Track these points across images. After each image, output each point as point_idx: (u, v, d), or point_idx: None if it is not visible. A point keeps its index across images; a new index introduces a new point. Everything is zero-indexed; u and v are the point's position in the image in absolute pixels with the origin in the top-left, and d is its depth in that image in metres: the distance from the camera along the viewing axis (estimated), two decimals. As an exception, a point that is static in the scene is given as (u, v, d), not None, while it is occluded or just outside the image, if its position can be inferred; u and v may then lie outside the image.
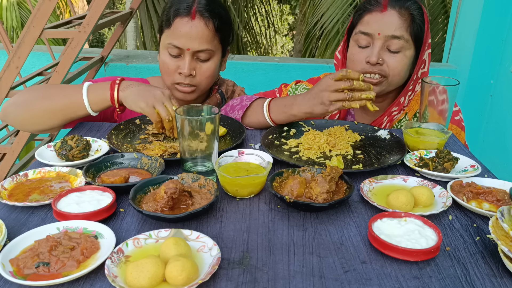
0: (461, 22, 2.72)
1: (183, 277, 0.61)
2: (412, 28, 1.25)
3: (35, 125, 1.21)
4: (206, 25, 1.27)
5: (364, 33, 1.27)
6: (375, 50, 1.25)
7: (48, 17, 1.69)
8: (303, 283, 0.66)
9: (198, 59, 1.31)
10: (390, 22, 1.23)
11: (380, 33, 1.24)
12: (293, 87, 1.48)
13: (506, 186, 0.93)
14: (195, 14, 1.26)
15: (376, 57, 1.24)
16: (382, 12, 1.24)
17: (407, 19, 1.24)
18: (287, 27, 13.38)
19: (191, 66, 1.29)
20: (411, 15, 1.24)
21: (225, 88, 1.52)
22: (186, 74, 1.29)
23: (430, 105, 1.17)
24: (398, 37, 1.23)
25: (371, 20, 1.26)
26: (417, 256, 0.70)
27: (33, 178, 0.95)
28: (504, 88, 2.56)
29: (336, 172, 0.89)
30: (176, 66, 1.30)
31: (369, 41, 1.27)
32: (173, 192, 0.80)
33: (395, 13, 1.24)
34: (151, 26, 6.45)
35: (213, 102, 1.47)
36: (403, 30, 1.24)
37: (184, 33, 1.27)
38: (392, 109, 1.36)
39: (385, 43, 1.25)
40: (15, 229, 0.77)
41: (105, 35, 11.66)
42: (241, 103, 1.31)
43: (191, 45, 1.27)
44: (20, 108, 1.19)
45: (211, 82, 1.38)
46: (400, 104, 1.35)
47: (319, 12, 5.56)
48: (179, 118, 0.91)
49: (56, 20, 6.18)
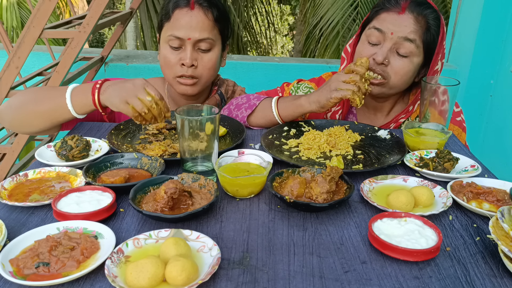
0: (461, 22, 2.72)
1: (183, 277, 0.61)
2: (426, 36, 1.24)
3: (28, 127, 1.22)
4: (205, 15, 1.29)
5: (377, 29, 1.26)
6: (383, 49, 1.24)
7: (48, 17, 1.69)
8: (303, 283, 0.66)
9: (199, 50, 1.31)
10: (405, 24, 1.23)
11: (393, 33, 1.23)
12: (295, 85, 1.49)
13: (506, 186, 0.93)
14: (194, 5, 1.28)
15: (382, 57, 1.24)
16: (400, 14, 1.24)
17: (423, 26, 1.23)
18: (287, 27, 13.38)
19: (193, 56, 1.30)
20: (427, 23, 1.24)
21: (225, 88, 1.52)
22: (188, 65, 1.29)
23: (430, 105, 1.17)
24: (410, 40, 1.22)
25: (387, 18, 1.25)
26: (417, 256, 0.70)
27: (33, 178, 0.95)
28: (504, 88, 2.56)
29: (336, 172, 0.89)
30: (178, 58, 1.31)
31: (380, 40, 1.26)
32: (173, 192, 0.80)
33: (412, 17, 1.23)
34: (151, 26, 6.46)
35: (212, 102, 1.47)
36: (417, 35, 1.23)
37: (184, 23, 1.27)
38: (400, 117, 1.36)
39: (395, 45, 1.24)
40: (15, 229, 0.77)
41: (105, 35, 11.66)
42: (248, 102, 1.31)
43: (192, 35, 1.28)
44: (13, 111, 1.20)
45: (212, 75, 1.38)
46: (408, 112, 1.35)
47: (319, 13, 5.56)
48: (179, 118, 0.91)
49: (56, 20, 6.19)
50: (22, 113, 1.19)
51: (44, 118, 1.18)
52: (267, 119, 1.27)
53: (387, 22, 1.25)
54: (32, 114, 1.18)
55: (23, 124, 1.22)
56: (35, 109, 1.18)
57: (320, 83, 1.47)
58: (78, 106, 1.15)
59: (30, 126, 1.21)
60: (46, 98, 1.18)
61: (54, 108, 1.16)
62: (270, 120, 1.27)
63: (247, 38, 8.02)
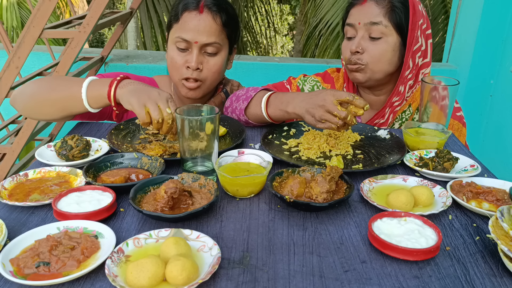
0: (461, 22, 2.72)
1: (183, 277, 0.62)
2: (391, 15, 1.30)
3: (38, 114, 1.20)
4: (213, 19, 1.29)
5: (349, 25, 1.36)
6: (356, 39, 1.33)
7: (48, 17, 1.69)
8: (303, 282, 0.66)
9: (205, 53, 1.32)
10: (368, 11, 1.32)
11: (360, 22, 1.32)
12: (302, 79, 1.50)
13: (506, 186, 0.93)
14: (203, 8, 1.28)
15: (355, 46, 1.32)
16: (362, 4, 1.34)
17: (385, 6, 1.30)
18: (287, 27, 13.38)
19: (198, 59, 1.30)
20: (390, 3, 1.31)
21: (230, 88, 1.53)
22: (193, 68, 1.30)
23: (430, 104, 1.17)
24: (376, 23, 1.30)
25: (353, 12, 1.36)
26: (417, 255, 0.70)
27: (33, 178, 0.95)
28: (504, 88, 2.56)
29: (336, 172, 0.89)
30: (184, 60, 1.31)
31: (354, 33, 1.35)
32: (173, 192, 0.80)
33: (373, 3, 1.32)
34: (151, 26, 6.45)
35: (217, 100, 1.47)
36: (381, 16, 1.30)
37: (192, 27, 1.28)
38: (393, 99, 1.37)
39: (366, 32, 1.32)
40: (15, 229, 0.77)
41: (105, 35, 11.66)
42: (246, 93, 1.30)
43: (199, 38, 1.28)
44: (26, 96, 1.19)
45: (217, 79, 1.38)
46: (400, 94, 1.36)
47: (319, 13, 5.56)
48: (179, 118, 0.91)
49: (56, 20, 6.19)
50: (34, 99, 1.17)
51: (56, 106, 1.15)
52: (258, 116, 1.25)
53: (354, 15, 1.35)
54: (44, 100, 1.16)
55: (34, 111, 1.19)
56: (48, 97, 1.15)
57: (325, 78, 1.51)
58: (93, 98, 1.10)
59: (40, 113, 1.19)
60: (61, 86, 1.15)
61: (67, 98, 1.13)
62: (261, 118, 1.24)
63: (247, 38, 8.02)
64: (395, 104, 1.37)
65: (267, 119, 1.23)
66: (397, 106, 1.38)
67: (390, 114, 1.39)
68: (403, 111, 1.41)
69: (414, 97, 1.40)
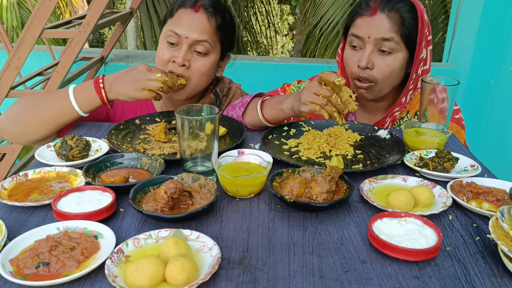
0: (461, 22, 2.72)
1: (183, 277, 0.61)
2: (403, 30, 1.25)
3: (29, 135, 1.22)
4: (208, 20, 1.28)
5: (355, 36, 1.29)
6: (365, 54, 1.27)
7: (48, 17, 1.69)
8: (303, 283, 0.66)
9: (195, 52, 1.28)
10: (379, 25, 1.25)
11: (370, 36, 1.26)
12: (296, 85, 1.49)
13: (506, 186, 0.93)
14: (199, 8, 1.28)
15: (365, 62, 1.27)
16: (372, 16, 1.26)
17: (397, 21, 1.25)
18: (287, 27, 13.37)
19: (186, 56, 1.27)
20: (401, 17, 1.25)
21: (220, 87, 1.48)
22: (179, 63, 1.26)
23: (430, 104, 1.17)
24: (388, 39, 1.25)
25: (361, 23, 1.28)
26: (417, 256, 0.70)
27: (33, 178, 0.95)
28: (504, 88, 2.56)
29: (336, 172, 0.89)
30: (171, 55, 1.28)
31: (361, 44, 1.29)
32: (173, 192, 0.80)
33: (385, 16, 1.25)
34: (151, 26, 6.45)
35: (207, 101, 1.44)
36: (393, 32, 1.25)
37: (186, 22, 1.27)
38: (394, 110, 1.36)
39: (375, 46, 1.27)
40: (15, 229, 0.77)
41: (105, 35, 11.65)
42: (241, 101, 1.31)
43: (190, 34, 1.26)
44: (13, 121, 1.21)
45: (203, 82, 1.34)
46: (401, 104, 1.36)
47: (319, 13, 5.56)
48: (179, 118, 0.91)
49: (56, 20, 6.19)
50: (23, 122, 1.20)
51: (48, 123, 1.19)
52: (255, 120, 1.25)
53: (362, 27, 1.28)
54: (34, 121, 1.19)
55: (25, 133, 1.21)
56: (39, 116, 1.19)
57: None
58: (84, 104, 1.18)
59: (32, 133, 1.21)
60: (47, 103, 1.20)
61: (59, 111, 1.18)
62: (258, 121, 1.24)
63: (247, 38, 8.02)
64: (396, 114, 1.38)
65: (264, 122, 1.23)
66: (397, 114, 1.38)
67: (390, 124, 1.39)
68: (401, 117, 1.41)
69: (412, 104, 1.40)
